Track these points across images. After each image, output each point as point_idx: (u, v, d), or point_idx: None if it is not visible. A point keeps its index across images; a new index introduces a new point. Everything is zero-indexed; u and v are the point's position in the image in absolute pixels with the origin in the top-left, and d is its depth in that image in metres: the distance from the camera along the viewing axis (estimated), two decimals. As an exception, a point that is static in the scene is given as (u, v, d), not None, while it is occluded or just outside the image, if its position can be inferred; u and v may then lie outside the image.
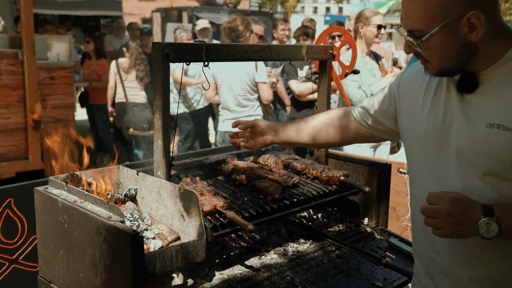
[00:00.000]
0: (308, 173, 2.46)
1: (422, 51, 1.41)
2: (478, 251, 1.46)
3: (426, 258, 1.61)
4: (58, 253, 1.85)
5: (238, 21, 4.50)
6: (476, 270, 1.47)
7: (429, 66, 1.46)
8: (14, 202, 2.57)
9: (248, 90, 4.52)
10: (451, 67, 1.42)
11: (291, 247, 2.24)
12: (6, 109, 5.50)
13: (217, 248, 2.19)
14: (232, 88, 4.53)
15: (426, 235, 1.58)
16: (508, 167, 1.35)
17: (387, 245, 2.35)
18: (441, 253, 1.54)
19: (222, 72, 4.56)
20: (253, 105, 4.60)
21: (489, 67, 1.40)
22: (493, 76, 1.40)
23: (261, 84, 4.52)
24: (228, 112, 4.63)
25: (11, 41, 5.84)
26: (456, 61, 1.40)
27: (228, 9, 17.84)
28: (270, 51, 2.26)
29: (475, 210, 1.32)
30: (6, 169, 5.46)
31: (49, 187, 1.94)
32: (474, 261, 1.47)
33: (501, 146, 1.35)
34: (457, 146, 1.45)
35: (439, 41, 1.37)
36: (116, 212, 1.65)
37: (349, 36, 2.51)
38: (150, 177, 2.00)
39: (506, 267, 1.44)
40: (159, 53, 1.89)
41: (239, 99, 4.53)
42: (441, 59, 1.41)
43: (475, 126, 1.40)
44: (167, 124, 1.96)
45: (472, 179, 1.42)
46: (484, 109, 1.40)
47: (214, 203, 1.96)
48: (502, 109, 1.36)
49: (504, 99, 1.36)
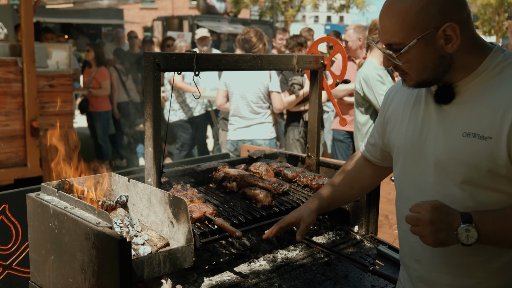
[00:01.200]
0: (298, 181, 2.49)
1: (401, 63, 1.44)
2: (458, 259, 1.48)
3: (408, 267, 1.64)
4: (49, 258, 1.88)
5: (252, 33, 4.71)
6: (457, 277, 1.50)
7: (407, 79, 1.50)
8: (9, 208, 2.61)
9: (261, 98, 4.65)
10: (429, 78, 1.45)
11: (280, 254, 2.26)
12: (6, 116, 5.55)
13: (207, 255, 2.22)
14: (245, 96, 4.64)
15: (407, 243, 1.61)
16: (484, 174, 1.39)
17: (376, 252, 2.37)
18: (422, 261, 1.57)
19: (235, 80, 4.68)
20: (265, 112, 4.72)
21: (464, 78, 1.44)
22: (468, 87, 1.44)
23: (274, 93, 4.65)
24: (240, 120, 4.70)
25: (11, 49, 5.90)
26: (433, 73, 1.44)
27: (228, 18, 17.95)
28: (261, 61, 2.30)
29: (454, 217, 1.35)
30: (5, 176, 5.50)
31: (41, 193, 1.97)
32: (454, 269, 1.50)
33: (477, 154, 1.38)
34: (435, 156, 1.48)
35: (417, 53, 1.41)
36: (105, 218, 1.69)
37: (339, 46, 2.55)
38: (141, 184, 2.03)
39: (486, 274, 1.47)
40: (150, 62, 1.93)
41: (252, 106, 4.64)
42: (419, 71, 1.44)
43: (452, 135, 1.44)
44: (158, 132, 2.00)
45: (450, 188, 1.45)
46: (460, 119, 1.43)
47: (204, 210, 1.99)
48: (477, 118, 1.40)
49: (479, 108, 1.40)
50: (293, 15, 21.68)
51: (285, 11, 21.59)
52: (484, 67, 1.42)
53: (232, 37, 16.78)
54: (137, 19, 28.83)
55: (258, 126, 4.70)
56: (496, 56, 1.43)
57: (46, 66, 6.07)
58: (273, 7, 23.55)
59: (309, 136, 2.66)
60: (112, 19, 19.67)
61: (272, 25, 18.59)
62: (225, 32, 17.16)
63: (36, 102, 5.63)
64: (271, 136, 4.75)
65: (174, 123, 6.72)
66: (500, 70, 1.41)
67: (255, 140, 4.67)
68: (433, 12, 1.37)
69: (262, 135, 4.69)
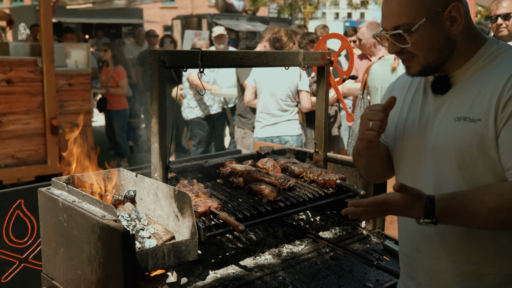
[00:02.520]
0: (305, 177, 2.51)
1: (409, 45, 1.46)
2: (454, 245, 1.51)
3: (408, 257, 1.66)
4: (59, 251, 1.95)
5: (282, 32, 4.79)
6: (454, 264, 1.52)
7: (412, 65, 1.52)
8: (25, 203, 2.69)
9: (290, 96, 4.70)
10: (434, 61, 1.49)
11: (286, 248, 2.29)
12: (26, 115, 5.70)
13: (213, 249, 2.26)
14: (275, 93, 4.69)
15: (407, 232, 1.64)
16: (476, 157, 1.42)
17: (382, 248, 2.38)
18: (422, 249, 1.60)
19: (265, 77, 4.74)
20: (292, 110, 4.77)
21: (459, 68, 1.50)
22: (462, 77, 1.50)
23: (303, 92, 4.69)
24: (267, 117, 4.75)
25: (31, 49, 6.05)
26: (439, 55, 1.48)
27: (247, 16, 17.99)
28: (267, 58, 2.32)
29: (417, 211, 1.40)
30: (26, 173, 5.65)
31: (52, 188, 2.04)
32: (452, 255, 1.52)
33: (468, 137, 1.43)
34: (431, 143, 1.53)
35: (425, 33, 1.45)
36: (110, 212, 1.74)
37: (346, 42, 2.56)
38: (148, 179, 2.08)
39: (482, 259, 1.48)
40: (155, 60, 1.98)
41: (281, 103, 4.69)
42: (427, 52, 1.47)
43: (446, 121, 1.49)
44: (164, 128, 2.04)
45: (446, 174, 1.49)
46: (453, 106, 1.49)
47: (209, 204, 2.03)
48: (467, 103, 1.45)
49: (470, 94, 1.46)
50: (311, 12, 21.60)
51: (303, 9, 21.53)
52: (478, 57, 1.48)
53: (250, 35, 16.82)
54: (157, 18, 29.09)
55: (286, 123, 4.74)
56: (490, 47, 1.49)
57: (65, 66, 6.21)
58: (292, 5, 23.51)
59: (316, 132, 2.67)
60: (132, 18, 19.90)
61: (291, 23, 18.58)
62: (243, 30, 17.20)
63: (55, 100, 5.76)
64: (298, 133, 4.79)
65: (191, 120, 6.80)
66: (492, 58, 1.47)
67: (283, 137, 4.71)
68: None
69: (289, 132, 4.73)
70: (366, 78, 4.43)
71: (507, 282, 1.47)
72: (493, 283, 1.47)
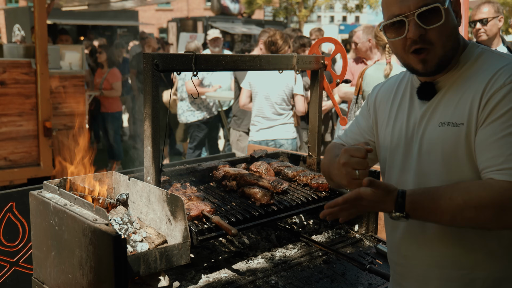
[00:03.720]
0: (298, 180, 2.50)
1: (442, 21, 1.42)
2: (443, 250, 1.50)
3: (396, 264, 1.66)
4: (50, 254, 1.93)
5: (278, 35, 4.79)
6: (443, 270, 1.51)
7: (430, 58, 1.46)
8: (16, 206, 2.67)
9: (285, 100, 4.71)
10: (449, 52, 1.47)
11: (279, 252, 2.28)
12: (19, 116, 5.66)
13: (206, 252, 2.25)
14: (270, 97, 4.69)
15: (394, 239, 1.63)
16: (463, 162, 1.43)
17: (375, 251, 2.38)
18: (409, 256, 1.58)
19: (259, 81, 4.74)
20: (287, 113, 4.77)
21: (445, 74, 1.51)
22: (447, 82, 1.51)
23: (298, 96, 4.69)
24: (262, 121, 4.76)
25: (26, 50, 6.02)
26: (453, 44, 1.47)
27: (242, 19, 18.02)
28: (260, 61, 2.32)
29: (388, 205, 1.41)
30: (18, 175, 5.61)
31: (43, 191, 2.03)
32: (440, 261, 1.52)
33: (452, 141, 1.44)
34: (417, 149, 1.53)
35: (449, 15, 1.45)
36: (101, 215, 1.73)
37: (339, 46, 2.57)
38: (140, 182, 2.07)
39: (471, 264, 1.48)
40: (149, 63, 1.97)
41: (276, 107, 4.70)
42: (447, 38, 1.45)
43: (431, 127, 1.50)
44: (156, 132, 2.03)
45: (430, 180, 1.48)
46: (438, 111, 1.50)
47: (201, 208, 2.03)
48: (450, 108, 1.46)
49: (453, 99, 1.47)
50: (306, 16, 21.65)
51: (299, 12, 21.58)
52: (462, 62, 1.50)
53: (245, 38, 16.83)
54: (152, 21, 29.06)
55: (281, 126, 4.76)
56: (472, 51, 1.51)
57: (59, 68, 6.18)
58: (287, 8, 23.56)
59: (310, 135, 2.67)
60: (127, 20, 19.87)
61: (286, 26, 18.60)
62: (239, 33, 17.23)
63: (49, 102, 5.73)
64: (293, 136, 4.80)
65: (191, 124, 6.81)
66: (473, 63, 1.48)
67: (278, 140, 4.72)
68: None
69: (284, 135, 4.75)
70: (360, 82, 4.44)
71: (496, 285, 1.46)
72: (483, 287, 1.47)
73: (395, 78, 1.73)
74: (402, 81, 1.68)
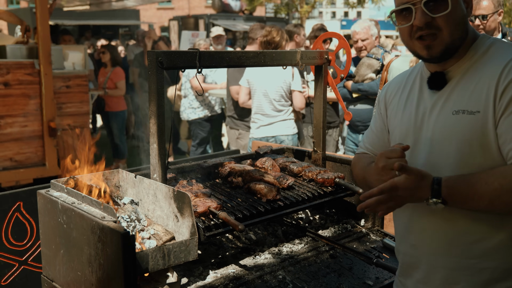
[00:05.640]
0: (304, 176, 2.51)
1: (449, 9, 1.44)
2: (452, 239, 1.51)
3: (404, 255, 1.67)
4: (59, 252, 1.95)
5: (274, 33, 4.72)
6: (452, 258, 1.52)
7: (436, 43, 1.48)
8: (24, 206, 2.69)
9: (283, 96, 4.70)
10: (456, 41, 1.48)
11: (285, 247, 2.29)
12: (24, 117, 5.69)
13: (213, 248, 2.26)
14: (268, 94, 4.69)
15: (402, 229, 1.65)
16: (476, 150, 1.43)
17: (382, 245, 2.39)
18: (417, 245, 1.60)
19: (257, 78, 4.74)
20: (287, 109, 4.77)
21: (455, 63, 1.52)
22: (458, 72, 1.52)
23: (296, 92, 4.69)
24: (262, 118, 4.75)
25: (29, 51, 6.04)
26: (461, 33, 1.49)
27: (244, 16, 17.96)
28: (264, 57, 2.33)
29: (424, 191, 1.41)
30: (24, 176, 5.64)
31: (51, 190, 2.04)
32: (449, 250, 1.52)
33: (467, 129, 1.44)
34: (429, 138, 1.53)
35: (457, 4, 1.47)
36: (110, 213, 1.74)
37: (343, 41, 2.57)
38: (147, 179, 2.08)
39: (481, 254, 1.48)
40: (153, 61, 1.98)
41: (274, 104, 4.69)
42: (455, 26, 1.47)
43: (444, 116, 1.51)
44: (162, 129, 2.04)
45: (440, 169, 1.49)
46: (450, 100, 1.50)
47: (208, 204, 2.03)
48: (465, 96, 1.47)
49: (467, 87, 1.48)
50: (308, 12, 21.61)
51: (300, 8, 21.54)
52: (473, 52, 1.51)
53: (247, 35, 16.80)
54: (154, 19, 29.06)
55: (281, 123, 4.75)
56: (482, 42, 1.52)
57: (63, 68, 6.20)
58: (288, 4, 23.51)
59: (314, 131, 2.68)
60: (129, 19, 19.89)
61: (288, 22, 18.56)
62: (240, 30, 17.19)
63: (53, 103, 5.75)
64: (293, 132, 4.79)
65: (193, 121, 6.81)
66: (485, 52, 1.50)
67: (278, 137, 4.72)
68: None
69: (285, 131, 4.74)
70: (386, 76, 4.36)
71: (505, 277, 1.47)
72: (491, 278, 1.47)
73: (405, 72, 1.77)
74: (411, 73, 1.71)
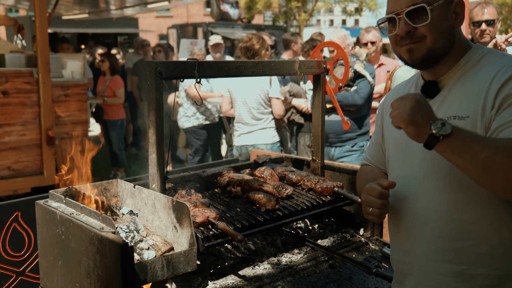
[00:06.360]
0: (303, 185, 2.51)
1: (428, 21, 1.48)
2: (445, 244, 1.52)
3: (398, 262, 1.68)
4: (57, 263, 1.94)
5: (254, 40, 4.74)
6: (445, 264, 1.53)
7: (417, 47, 1.53)
8: (22, 216, 2.68)
9: (262, 104, 4.72)
10: (440, 49, 1.52)
11: (285, 257, 2.28)
12: (22, 126, 5.67)
13: (212, 259, 2.25)
14: (247, 102, 4.71)
15: (397, 235, 1.68)
16: None
17: (381, 254, 2.38)
18: (410, 251, 1.61)
19: (237, 87, 4.77)
20: (267, 118, 4.78)
21: (447, 72, 1.56)
22: (450, 81, 1.56)
23: (274, 99, 4.71)
24: (243, 126, 4.80)
25: (27, 60, 6.04)
26: (445, 43, 1.52)
27: (242, 24, 18.05)
28: (263, 67, 2.33)
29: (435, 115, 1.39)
30: (22, 185, 5.62)
31: (49, 200, 2.03)
32: (441, 255, 1.53)
33: None
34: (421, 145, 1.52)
35: (441, 14, 1.50)
36: (108, 224, 1.73)
37: (341, 50, 2.58)
38: (146, 190, 2.08)
39: (472, 260, 1.49)
40: (152, 71, 1.98)
41: (253, 112, 4.72)
42: (438, 34, 1.51)
43: None
44: (161, 139, 2.04)
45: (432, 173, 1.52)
46: (443, 107, 1.54)
47: (207, 214, 2.03)
48: (456, 103, 1.50)
49: (458, 94, 1.52)
50: (306, 20, 21.70)
51: (298, 16, 21.63)
52: (465, 61, 1.55)
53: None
54: (152, 27, 29.13)
55: (260, 131, 4.79)
56: (475, 52, 1.56)
57: (61, 76, 6.20)
58: (286, 12, 23.61)
59: (313, 140, 2.68)
60: (128, 27, 19.94)
61: (286, 30, 18.64)
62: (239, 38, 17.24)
63: (51, 111, 5.74)
64: (273, 141, 4.81)
65: (187, 129, 6.80)
66: (478, 61, 1.53)
67: (257, 145, 4.76)
68: None
69: (263, 140, 4.77)
70: (389, 84, 4.36)
71: (497, 284, 1.47)
72: (483, 285, 1.48)
73: (402, 82, 1.82)
74: (408, 83, 1.76)
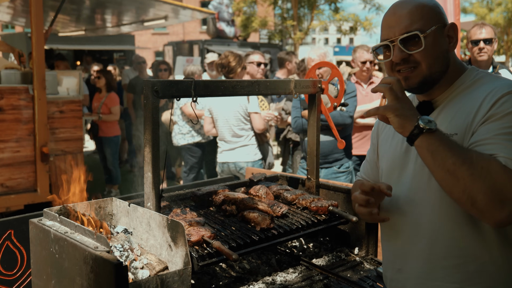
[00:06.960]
0: (298, 203, 2.51)
1: (422, 48, 1.52)
2: (436, 262, 1.53)
3: (391, 281, 1.69)
4: (50, 283, 1.92)
5: (231, 58, 4.79)
6: (435, 282, 1.54)
7: (414, 75, 1.57)
8: (14, 234, 2.65)
9: (242, 120, 4.75)
10: (435, 73, 1.56)
11: (279, 276, 2.27)
12: (17, 142, 5.66)
13: (207, 278, 2.24)
14: (227, 120, 4.76)
15: (388, 255, 1.69)
16: None
17: (375, 274, 2.37)
18: (403, 269, 1.63)
19: (217, 106, 4.82)
20: (247, 134, 4.80)
21: (442, 93, 1.60)
22: (444, 101, 1.59)
23: (253, 114, 4.75)
24: (224, 144, 4.84)
25: (23, 76, 6.05)
26: (440, 67, 1.56)
27: (238, 42, 18.16)
28: (259, 86, 2.35)
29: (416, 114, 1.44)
30: (15, 202, 5.58)
31: (43, 219, 2.02)
32: (432, 273, 1.54)
33: None
34: (413, 162, 1.59)
35: (434, 41, 1.54)
36: (103, 243, 1.72)
37: (336, 70, 2.60)
38: (141, 208, 2.07)
39: (462, 278, 1.50)
40: (149, 89, 1.99)
41: (234, 129, 4.75)
42: (433, 60, 1.55)
43: None
44: (157, 157, 2.04)
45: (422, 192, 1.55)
46: None
47: (202, 233, 2.03)
48: (446, 120, 1.54)
49: (449, 114, 1.55)
50: (301, 38, 21.90)
51: (294, 35, 21.83)
52: (460, 83, 1.58)
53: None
54: (148, 45, 29.32)
55: (241, 149, 4.80)
56: (470, 74, 1.59)
57: (57, 93, 6.22)
58: (282, 31, 23.83)
59: (308, 158, 2.69)
60: (124, 44, 20.02)
61: (281, 48, 18.77)
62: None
63: (46, 128, 5.74)
64: (254, 159, 4.81)
65: (182, 147, 6.80)
66: (472, 83, 1.56)
67: (237, 163, 4.76)
68: (441, 11, 1.57)
69: (245, 158, 4.77)
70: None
71: None
72: None
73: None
74: None
